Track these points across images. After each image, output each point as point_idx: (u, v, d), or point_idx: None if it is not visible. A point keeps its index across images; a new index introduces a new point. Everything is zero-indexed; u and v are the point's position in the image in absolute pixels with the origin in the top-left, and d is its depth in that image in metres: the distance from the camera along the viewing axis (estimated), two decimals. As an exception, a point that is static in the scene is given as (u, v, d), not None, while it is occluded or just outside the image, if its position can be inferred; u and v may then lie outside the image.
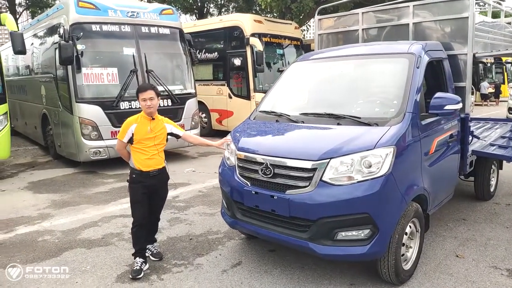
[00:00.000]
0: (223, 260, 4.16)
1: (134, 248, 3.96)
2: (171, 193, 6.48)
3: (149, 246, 4.20)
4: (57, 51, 7.81)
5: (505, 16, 6.73)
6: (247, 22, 11.86)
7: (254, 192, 3.57)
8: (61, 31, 7.80)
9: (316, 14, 5.83)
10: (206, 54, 13.14)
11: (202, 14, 26.28)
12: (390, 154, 3.22)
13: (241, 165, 3.79)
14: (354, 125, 3.58)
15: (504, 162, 6.34)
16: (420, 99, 3.68)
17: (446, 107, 3.67)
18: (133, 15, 8.57)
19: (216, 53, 12.87)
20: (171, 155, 9.70)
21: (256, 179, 3.60)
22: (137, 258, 3.92)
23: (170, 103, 8.83)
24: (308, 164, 3.29)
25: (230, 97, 12.22)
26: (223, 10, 28.66)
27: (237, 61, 12.02)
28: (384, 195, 3.17)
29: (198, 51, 13.28)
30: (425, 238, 4.54)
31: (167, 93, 8.70)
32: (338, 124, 3.66)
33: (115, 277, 3.84)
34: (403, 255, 3.51)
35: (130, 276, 3.80)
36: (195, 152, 10.19)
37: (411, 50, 3.98)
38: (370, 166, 3.18)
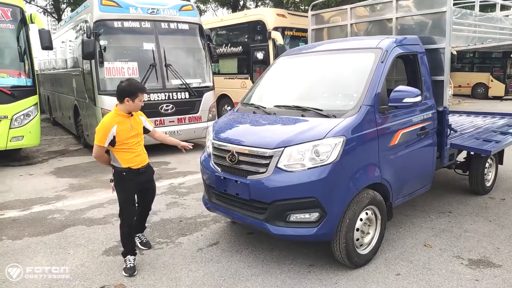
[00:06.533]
0: (202, 240, 4.52)
1: (125, 248, 3.86)
2: (177, 180, 6.98)
3: (139, 235, 4.28)
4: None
5: (501, 10, 6.59)
6: (269, 16, 12.13)
7: (223, 178, 3.89)
8: (85, 27, 8.44)
9: (309, 10, 6.01)
10: (232, 48, 13.53)
11: (236, 8, 26.58)
12: (339, 144, 3.43)
13: (215, 153, 4.11)
14: (315, 117, 3.80)
15: (505, 157, 6.31)
16: (382, 92, 3.84)
17: (405, 100, 3.80)
18: (153, 11, 9.06)
19: (240, 47, 13.24)
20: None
21: (225, 165, 3.91)
22: (128, 256, 3.84)
23: (187, 96, 9.27)
24: (266, 152, 3.57)
25: (253, 90, 12.52)
26: (259, 3, 28.83)
27: (259, 55, 12.35)
28: (331, 181, 3.39)
29: (224, 45, 13.76)
30: (400, 227, 4.72)
31: (184, 86, 9.15)
32: (302, 116, 3.90)
33: (103, 251, 4.29)
34: (357, 239, 3.71)
35: (127, 274, 3.73)
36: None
37: (379, 45, 4.13)
38: (319, 155, 3.42)
